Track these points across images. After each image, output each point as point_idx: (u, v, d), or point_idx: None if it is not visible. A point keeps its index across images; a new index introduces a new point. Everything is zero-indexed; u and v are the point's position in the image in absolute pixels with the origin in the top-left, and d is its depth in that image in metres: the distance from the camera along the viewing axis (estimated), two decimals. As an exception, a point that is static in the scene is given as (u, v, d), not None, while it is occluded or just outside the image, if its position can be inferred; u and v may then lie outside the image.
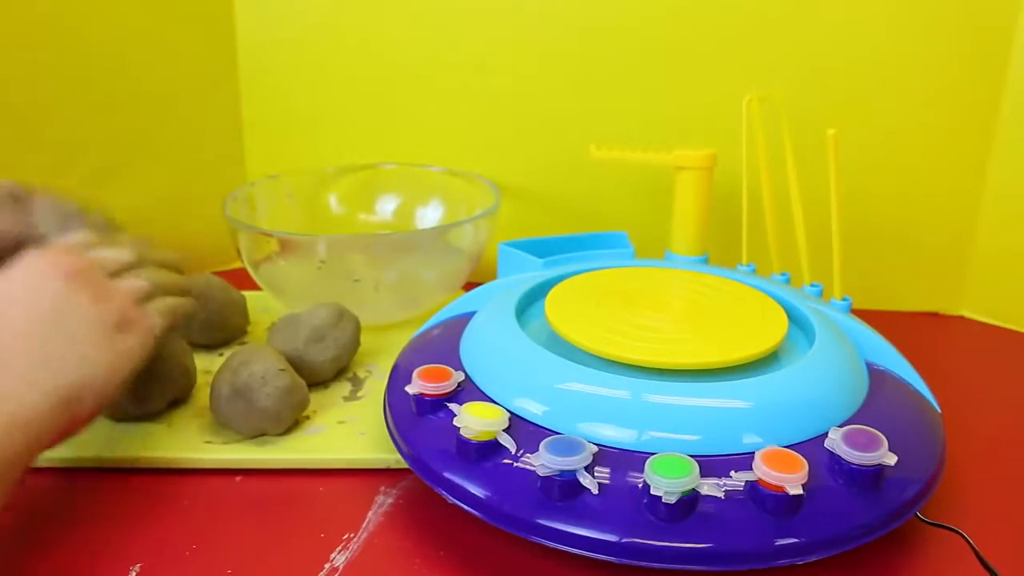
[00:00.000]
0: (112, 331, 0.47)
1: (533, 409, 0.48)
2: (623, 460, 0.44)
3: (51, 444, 0.44)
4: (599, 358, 0.50)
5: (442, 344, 0.57)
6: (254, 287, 0.71)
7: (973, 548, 0.46)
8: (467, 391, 0.50)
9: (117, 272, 0.50)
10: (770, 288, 0.60)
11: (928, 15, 0.72)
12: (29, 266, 0.47)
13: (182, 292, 0.55)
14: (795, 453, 0.43)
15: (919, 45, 0.73)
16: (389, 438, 0.52)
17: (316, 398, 0.59)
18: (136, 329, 0.49)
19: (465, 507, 0.45)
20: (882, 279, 0.79)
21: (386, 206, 0.81)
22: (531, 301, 0.59)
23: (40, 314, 0.45)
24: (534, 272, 0.65)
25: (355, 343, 0.63)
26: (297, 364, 0.58)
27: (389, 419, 0.52)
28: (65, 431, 0.45)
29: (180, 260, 0.56)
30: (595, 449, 0.44)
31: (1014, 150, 0.73)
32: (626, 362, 0.50)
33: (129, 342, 0.48)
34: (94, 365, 0.45)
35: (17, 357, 0.43)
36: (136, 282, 0.50)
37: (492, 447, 0.46)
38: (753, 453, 0.43)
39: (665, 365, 0.49)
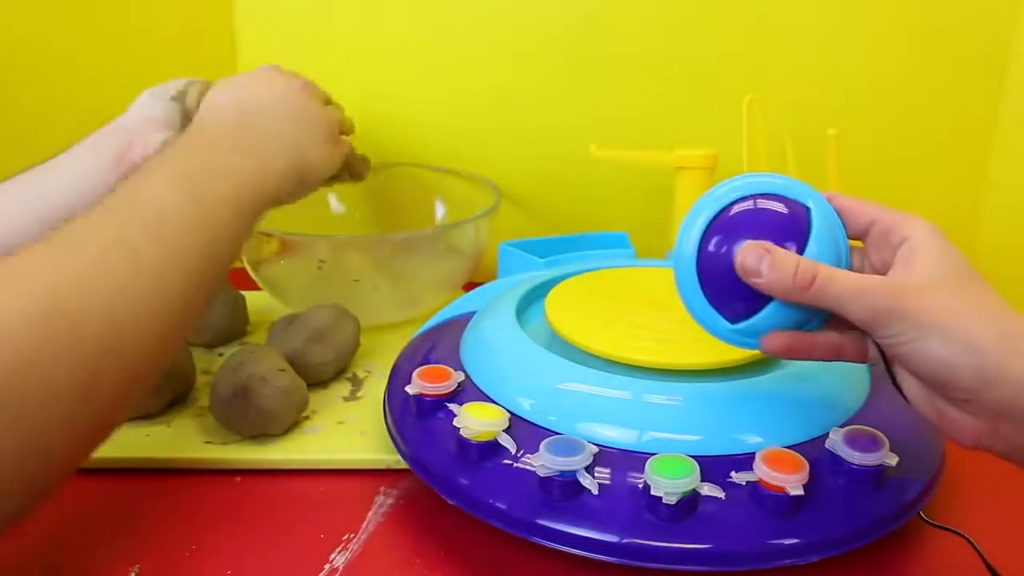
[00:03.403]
0: (329, 138, 0.59)
1: (533, 409, 0.47)
2: (623, 460, 0.44)
3: (279, 203, 0.53)
4: (599, 358, 0.50)
5: (442, 344, 0.56)
6: (254, 287, 0.71)
7: (978, 551, 0.46)
8: (467, 391, 0.50)
9: (325, 101, 0.62)
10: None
11: (928, 16, 0.72)
12: (270, 72, 0.59)
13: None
14: (796, 453, 0.43)
15: (920, 45, 0.73)
16: (389, 438, 0.52)
17: (316, 398, 0.59)
18: (338, 147, 0.60)
19: (465, 507, 0.45)
20: (882, 279, 0.79)
21: (386, 206, 0.81)
22: (531, 301, 0.59)
23: (286, 105, 0.56)
24: (534, 272, 0.65)
25: (355, 343, 0.63)
26: (297, 364, 0.58)
27: (389, 419, 0.52)
28: (291, 196, 0.55)
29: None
30: (595, 449, 0.44)
31: (1014, 150, 0.73)
32: (626, 362, 0.50)
33: (336, 152, 0.60)
34: (319, 154, 0.57)
35: (270, 132, 0.53)
36: (338, 113, 0.63)
37: (492, 447, 0.46)
38: (754, 453, 0.43)
39: (665, 365, 0.49)
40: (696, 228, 0.42)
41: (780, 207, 0.41)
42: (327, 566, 0.45)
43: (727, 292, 0.41)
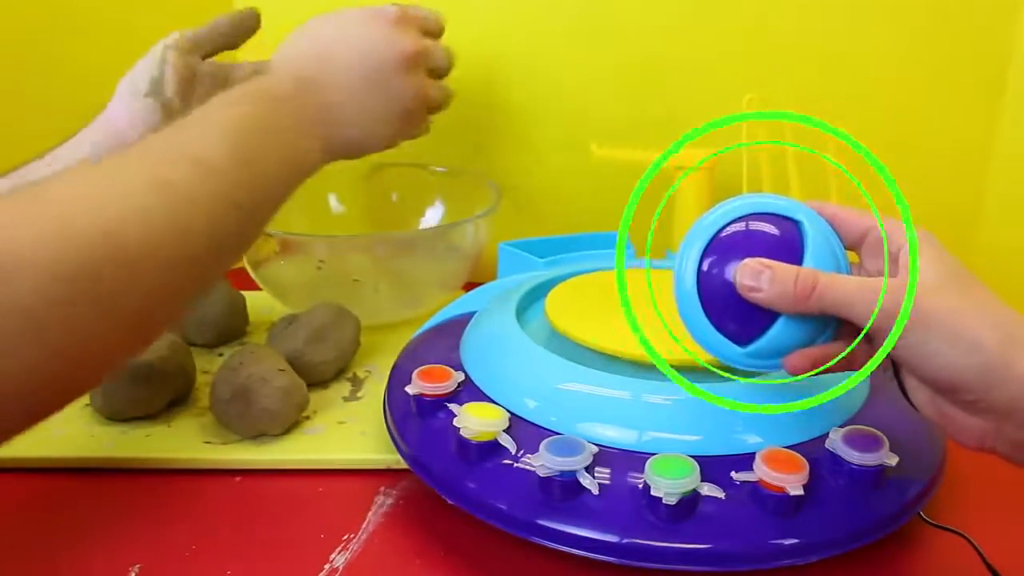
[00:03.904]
0: (403, 116, 0.56)
1: (533, 409, 0.47)
2: (623, 460, 0.44)
3: (314, 161, 0.51)
4: (599, 358, 0.50)
5: (442, 344, 0.56)
6: (254, 287, 0.71)
7: (978, 551, 0.46)
8: (467, 391, 0.50)
9: (432, 71, 0.59)
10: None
11: (929, 15, 0.72)
12: (381, 24, 0.55)
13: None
14: (796, 453, 0.43)
15: (920, 45, 0.73)
16: (389, 438, 0.52)
17: (316, 398, 0.59)
18: (411, 132, 0.58)
19: (465, 507, 0.45)
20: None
21: (387, 206, 0.81)
22: (531, 301, 0.59)
23: (370, 72, 0.54)
24: (534, 272, 0.65)
25: (355, 343, 0.63)
26: (297, 364, 0.58)
27: (389, 419, 0.52)
28: (332, 162, 0.53)
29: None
30: (595, 449, 0.44)
31: (1014, 150, 0.73)
32: (627, 358, 0.50)
33: (402, 136, 0.58)
34: (377, 140, 0.56)
35: (335, 102, 0.52)
36: (439, 94, 0.59)
37: (492, 447, 0.46)
38: (754, 453, 0.43)
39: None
40: (692, 258, 0.42)
41: (772, 224, 0.42)
42: (327, 566, 0.45)
43: (733, 316, 0.41)
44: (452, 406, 0.48)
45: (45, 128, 0.55)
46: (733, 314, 0.41)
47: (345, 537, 0.48)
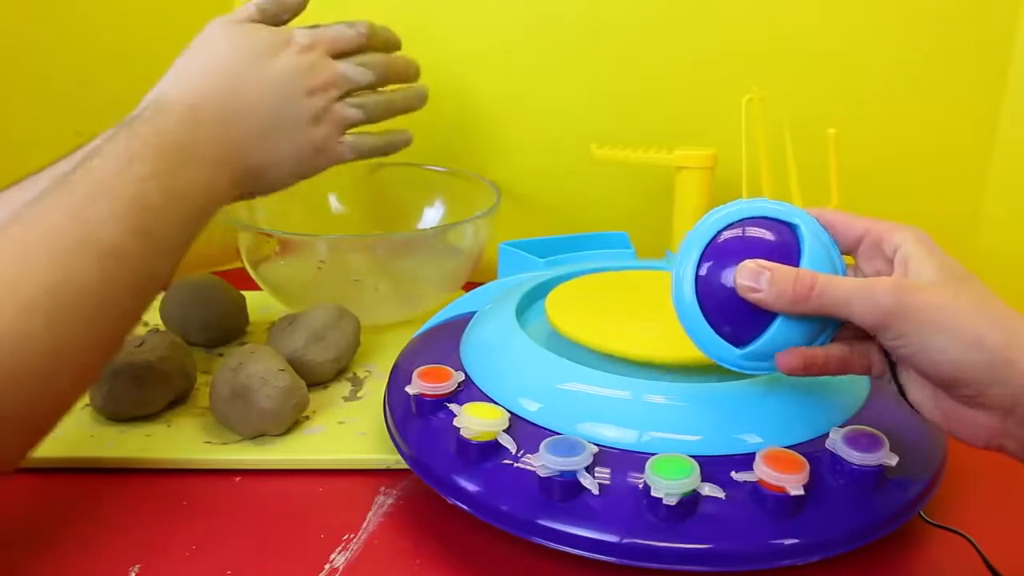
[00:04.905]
0: (312, 154, 0.56)
1: (533, 409, 0.47)
2: (623, 461, 0.44)
3: (219, 206, 0.50)
4: (599, 358, 0.50)
5: (442, 344, 0.56)
6: (254, 287, 0.71)
7: (978, 551, 0.46)
8: (467, 391, 0.50)
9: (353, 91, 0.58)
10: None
11: (929, 15, 0.72)
12: (263, 49, 0.53)
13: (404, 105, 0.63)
14: (796, 454, 0.43)
15: (920, 45, 0.73)
16: (389, 438, 0.52)
17: (316, 398, 0.59)
18: (323, 161, 0.57)
19: (465, 507, 0.45)
20: (882, 279, 0.79)
21: (387, 206, 0.81)
22: (531, 301, 0.59)
23: (266, 97, 0.52)
24: (534, 272, 0.65)
25: (355, 343, 0.63)
26: (297, 364, 0.58)
27: (389, 419, 0.52)
28: (248, 196, 0.54)
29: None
30: (595, 449, 0.44)
31: (1015, 150, 0.73)
32: (627, 357, 0.50)
33: (313, 168, 0.57)
34: (285, 174, 0.55)
35: (232, 131, 0.50)
36: (352, 113, 0.58)
37: (492, 447, 0.46)
38: (754, 453, 0.43)
39: (666, 360, 0.49)
40: (691, 262, 0.43)
41: (768, 229, 0.42)
42: (327, 566, 0.45)
43: (730, 318, 0.42)
44: (452, 406, 0.48)
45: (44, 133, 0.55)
46: (731, 317, 0.42)
47: (345, 537, 0.48)
